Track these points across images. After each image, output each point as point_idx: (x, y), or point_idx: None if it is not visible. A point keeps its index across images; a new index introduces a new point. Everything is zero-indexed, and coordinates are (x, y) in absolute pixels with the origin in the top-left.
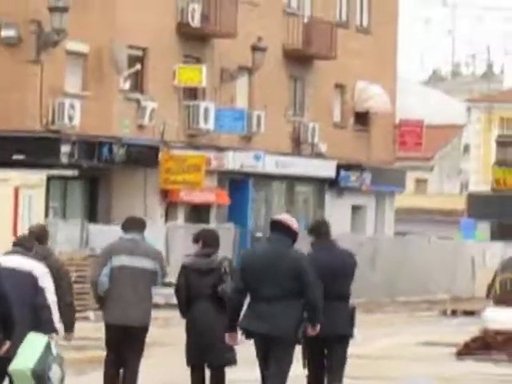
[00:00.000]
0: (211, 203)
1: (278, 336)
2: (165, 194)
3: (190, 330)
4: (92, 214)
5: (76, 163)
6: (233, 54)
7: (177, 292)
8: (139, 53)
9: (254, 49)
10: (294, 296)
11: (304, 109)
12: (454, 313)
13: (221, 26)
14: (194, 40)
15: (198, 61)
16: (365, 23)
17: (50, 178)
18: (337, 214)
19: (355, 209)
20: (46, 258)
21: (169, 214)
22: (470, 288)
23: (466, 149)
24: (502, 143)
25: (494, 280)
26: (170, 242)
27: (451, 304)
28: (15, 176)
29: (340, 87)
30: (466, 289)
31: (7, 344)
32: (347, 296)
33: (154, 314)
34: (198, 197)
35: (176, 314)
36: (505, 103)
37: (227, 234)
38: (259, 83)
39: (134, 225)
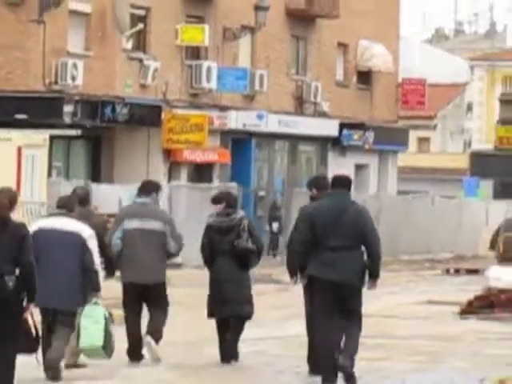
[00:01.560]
0: (214, 163)
1: (347, 282)
2: (168, 153)
3: (211, 282)
4: (95, 174)
5: (79, 123)
6: (235, 13)
7: (202, 249)
8: (142, 12)
9: (257, 8)
10: (358, 246)
11: (307, 68)
12: (457, 271)
13: None
14: None
15: (201, 20)
16: None
17: (52, 138)
18: (340, 172)
19: (358, 168)
20: (88, 218)
21: (172, 174)
22: (473, 247)
23: (469, 107)
24: (505, 101)
25: (497, 233)
26: (173, 201)
27: (454, 263)
28: (18, 136)
29: (343, 46)
30: (468, 248)
31: (30, 307)
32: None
33: None
34: (200, 156)
35: (176, 273)
36: (507, 61)
37: None
38: (262, 42)
39: (146, 189)
